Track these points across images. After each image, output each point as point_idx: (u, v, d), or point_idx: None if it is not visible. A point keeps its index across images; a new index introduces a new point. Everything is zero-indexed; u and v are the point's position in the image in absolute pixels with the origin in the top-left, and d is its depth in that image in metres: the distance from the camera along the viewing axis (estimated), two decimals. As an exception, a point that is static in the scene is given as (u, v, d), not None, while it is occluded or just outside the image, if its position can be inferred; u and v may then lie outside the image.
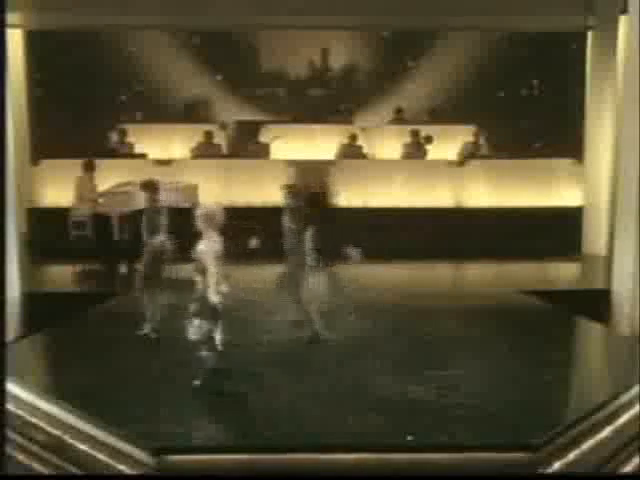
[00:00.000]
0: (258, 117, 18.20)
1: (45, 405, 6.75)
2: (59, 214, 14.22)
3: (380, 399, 6.74)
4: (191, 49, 19.19)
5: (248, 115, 18.40)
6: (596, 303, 10.76)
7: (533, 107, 18.52)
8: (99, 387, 7.17)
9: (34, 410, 6.78)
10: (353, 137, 16.58)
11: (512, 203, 15.56)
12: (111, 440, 6.04)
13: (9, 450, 6.54)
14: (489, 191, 15.82)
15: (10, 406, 6.84)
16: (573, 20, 15.57)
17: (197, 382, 7.08)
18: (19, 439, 6.63)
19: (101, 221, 14.15)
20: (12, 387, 7.00)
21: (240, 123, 17.76)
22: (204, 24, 16.57)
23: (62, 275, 14.15)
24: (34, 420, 6.72)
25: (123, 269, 13.44)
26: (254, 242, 8.75)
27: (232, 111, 18.77)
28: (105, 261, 13.78)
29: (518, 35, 18.30)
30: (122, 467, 5.89)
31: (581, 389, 7.55)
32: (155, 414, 6.51)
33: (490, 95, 18.53)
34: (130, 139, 16.69)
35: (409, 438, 5.92)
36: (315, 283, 8.41)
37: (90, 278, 13.49)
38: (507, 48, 18.79)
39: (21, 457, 6.51)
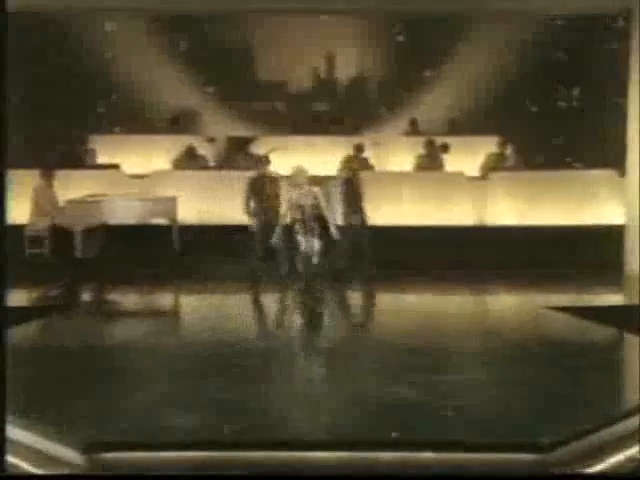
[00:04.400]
0: (253, 133, 17.88)
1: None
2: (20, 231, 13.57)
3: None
4: (178, 56, 19.00)
5: (242, 131, 18.13)
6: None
7: (566, 114, 18.13)
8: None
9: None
10: (359, 148, 16.01)
11: (543, 221, 14.96)
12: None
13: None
14: (516, 207, 15.28)
15: None
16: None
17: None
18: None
19: (61, 236, 13.42)
20: None
21: (231, 138, 17.37)
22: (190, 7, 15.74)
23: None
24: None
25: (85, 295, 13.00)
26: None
27: (223, 125, 18.52)
28: (63, 285, 12.57)
29: (548, 37, 18.11)
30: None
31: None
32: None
33: (516, 103, 18.25)
34: (106, 150, 16.58)
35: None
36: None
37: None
38: (534, 52, 18.53)
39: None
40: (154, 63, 18.40)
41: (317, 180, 12.32)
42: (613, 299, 12.70)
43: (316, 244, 11.31)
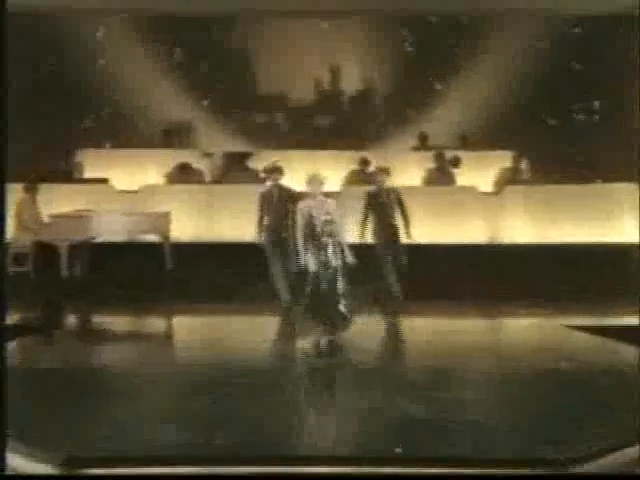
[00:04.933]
0: (251, 148, 17.50)
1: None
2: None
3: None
4: (172, 67, 18.64)
5: (239, 146, 17.87)
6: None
7: (586, 127, 17.88)
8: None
9: None
10: (364, 162, 15.66)
11: (561, 238, 14.58)
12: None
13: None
14: (533, 224, 14.95)
15: None
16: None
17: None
18: None
19: (45, 254, 13.06)
20: None
21: (229, 154, 16.99)
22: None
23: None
24: None
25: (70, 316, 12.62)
26: None
27: (219, 140, 18.18)
28: (47, 305, 12.10)
29: (564, 46, 17.78)
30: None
31: None
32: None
33: (532, 116, 17.91)
34: (95, 164, 16.35)
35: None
36: None
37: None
38: (551, 63, 18.17)
39: None
40: (147, 74, 18.15)
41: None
42: (633, 320, 11.86)
43: (330, 264, 10.02)
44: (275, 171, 12.12)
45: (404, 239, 12.74)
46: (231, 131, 18.38)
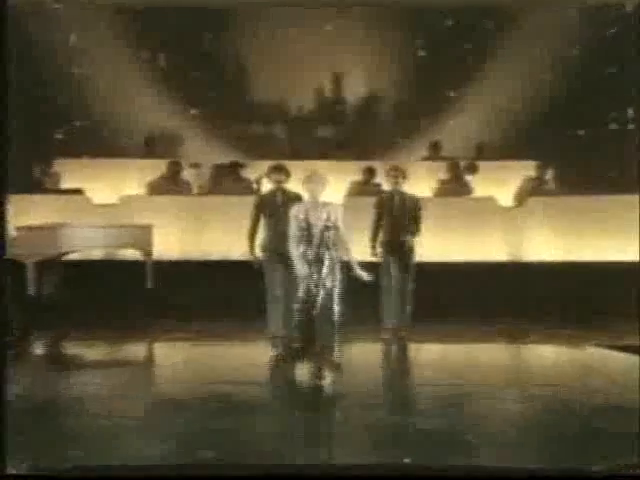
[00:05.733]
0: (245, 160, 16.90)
1: None
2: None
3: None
4: (157, 71, 18.03)
5: (231, 158, 16.92)
6: None
7: (616, 133, 17.03)
8: None
9: None
10: (369, 171, 15.55)
11: (589, 255, 13.98)
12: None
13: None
14: (558, 240, 14.32)
15: None
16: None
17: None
18: None
19: (11, 270, 11.97)
20: None
21: (219, 166, 16.44)
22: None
23: None
24: None
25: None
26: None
27: (209, 152, 17.47)
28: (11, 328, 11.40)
29: (594, 48, 17.06)
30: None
31: None
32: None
33: (557, 124, 17.14)
34: (72, 174, 15.71)
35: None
36: None
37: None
38: (578, 67, 17.47)
39: None
40: (128, 78, 17.68)
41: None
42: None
43: (325, 282, 8.89)
44: (278, 171, 10.47)
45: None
46: (222, 142, 17.91)
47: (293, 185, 12.68)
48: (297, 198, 9.90)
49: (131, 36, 17.31)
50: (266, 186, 11.91)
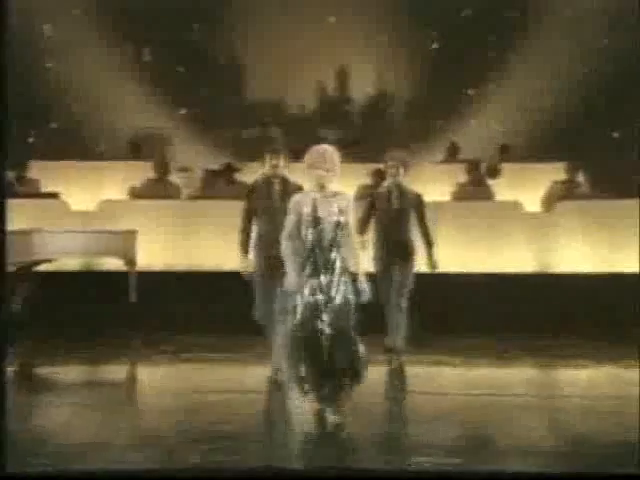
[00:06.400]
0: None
1: None
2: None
3: None
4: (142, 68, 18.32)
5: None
6: None
7: None
8: None
9: None
10: (379, 174, 15.04)
11: (626, 267, 13.95)
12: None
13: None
14: (591, 249, 14.40)
15: None
16: None
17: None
18: None
19: None
20: None
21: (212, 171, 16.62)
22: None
23: None
24: None
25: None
26: None
27: (201, 155, 17.64)
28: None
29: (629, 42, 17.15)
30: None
31: None
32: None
33: (586, 123, 17.46)
34: (47, 177, 15.88)
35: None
36: None
37: None
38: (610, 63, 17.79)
39: None
40: (110, 74, 17.85)
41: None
42: None
43: (335, 298, 7.69)
44: (275, 154, 9.52)
45: (421, 266, 10.93)
46: (214, 145, 18.08)
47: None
48: (299, 189, 8.89)
49: (113, 27, 17.43)
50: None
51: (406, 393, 10.11)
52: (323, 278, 7.65)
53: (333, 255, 7.69)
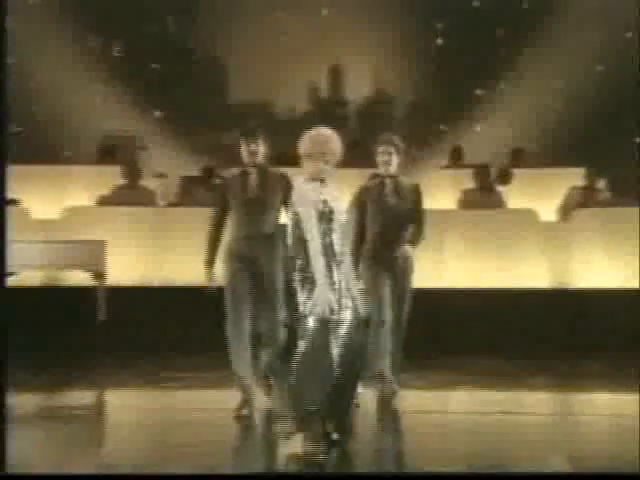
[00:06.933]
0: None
1: None
2: None
3: None
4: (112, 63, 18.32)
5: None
6: None
7: None
8: None
9: None
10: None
11: None
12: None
13: None
14: (613, 262, 14.18)
15: None
16: None
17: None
18: None
19: None
20: None
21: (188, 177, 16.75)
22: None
23: None
24: None
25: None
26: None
27: (179, 161, 17.72)
28: None
29: None
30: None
31: None
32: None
33: (606, 125, 17.55)
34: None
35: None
36: None
37: None
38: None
39: None
40: (76, 71, 17.79)
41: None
42: None
43: (347, 307, 7.17)
44: (252, 137, 8.74)
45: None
46: (192, 150, 18.05)
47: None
48: (283, 179, 8.65)
49: (80, 19, 17.41)
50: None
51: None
52: (305, 290, 7.10)
53: (345, 258, 7.22)
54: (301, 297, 7.04)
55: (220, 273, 8.90)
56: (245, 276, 8.65)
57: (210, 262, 8.75)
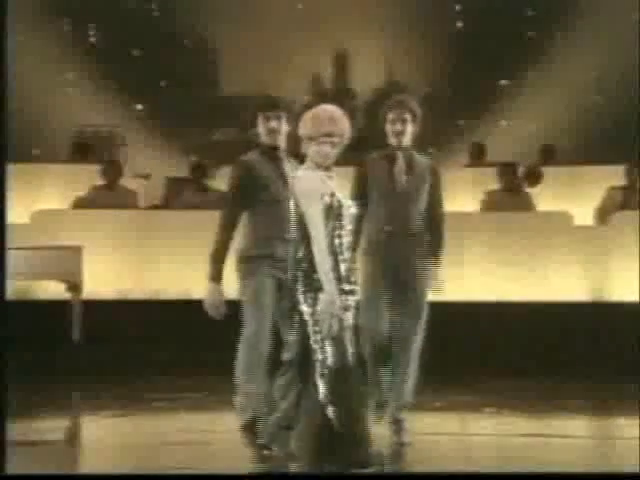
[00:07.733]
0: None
1: None
2: None
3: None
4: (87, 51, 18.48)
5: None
6: None
7: None
8: None
9: None
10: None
11: None
12: None
13: None
14: None
15: None
16: None
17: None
18: None
19: None
20: None
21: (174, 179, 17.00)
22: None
23: None
24: None
25: None
26: None
27: (162, 160, 17.79)
28: None
29: None
30: None
31: None
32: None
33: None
34: None
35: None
36: None
37: None
38: None
39: None
40: (49, 59, 17.88)
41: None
42: None
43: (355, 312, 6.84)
44: (274, 109, 7.82)
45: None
46: (178, 147, 18.27)
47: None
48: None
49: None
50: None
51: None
52: (306, 298, 6.74)
53: (352, 257, 7.02)
54: (305, 308, 6.70)
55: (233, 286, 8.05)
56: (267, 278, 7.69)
57: (216, 274, 7.71)
